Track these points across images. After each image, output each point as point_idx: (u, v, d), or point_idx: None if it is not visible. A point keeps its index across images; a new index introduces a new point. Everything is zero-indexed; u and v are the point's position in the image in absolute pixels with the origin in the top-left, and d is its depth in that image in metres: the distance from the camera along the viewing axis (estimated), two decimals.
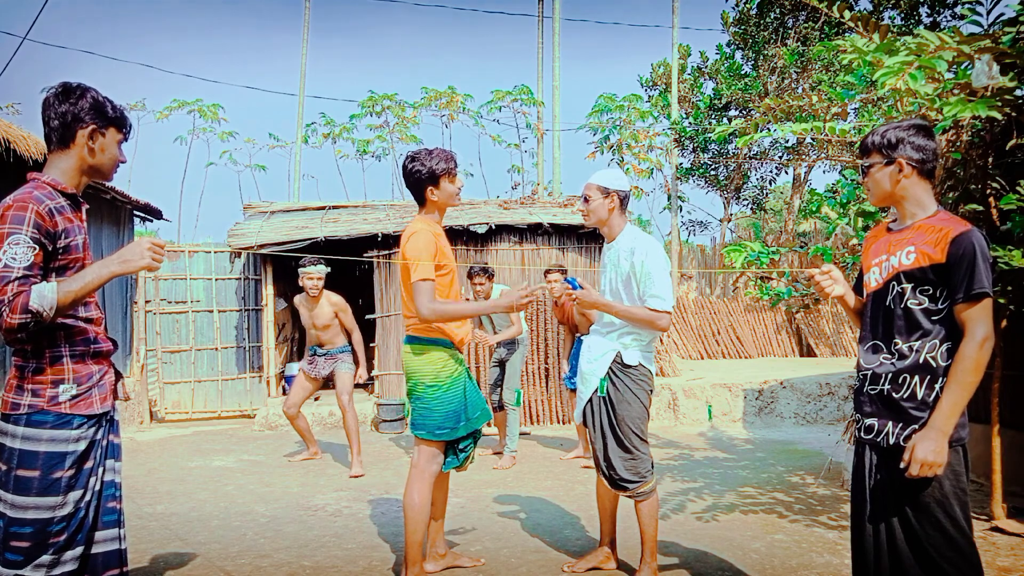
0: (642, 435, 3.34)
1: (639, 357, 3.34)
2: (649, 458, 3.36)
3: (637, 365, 3.34)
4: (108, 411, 2.46)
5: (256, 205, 10.46)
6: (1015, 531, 4.11)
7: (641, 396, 3.33)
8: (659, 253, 3.32)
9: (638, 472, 3.31)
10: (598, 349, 3.40)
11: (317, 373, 6.32)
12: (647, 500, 3.35)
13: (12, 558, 2.24)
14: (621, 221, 3.45)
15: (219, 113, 17.51)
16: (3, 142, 5.62)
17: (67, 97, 2.33)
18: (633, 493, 3.33)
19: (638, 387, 3.33)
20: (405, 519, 3.36)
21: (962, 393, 2.16)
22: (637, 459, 3.32)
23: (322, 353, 6.32)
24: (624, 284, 3.35)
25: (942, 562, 2.18)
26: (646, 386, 3.36)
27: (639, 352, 3.34)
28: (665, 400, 8.62)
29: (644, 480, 3.32)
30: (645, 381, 3.36)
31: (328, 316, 6.24)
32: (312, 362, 6.34)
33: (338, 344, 6.32)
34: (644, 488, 3.32)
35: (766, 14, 15.31)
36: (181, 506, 5.06)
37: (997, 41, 3.33)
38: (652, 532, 3.38)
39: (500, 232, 9.22)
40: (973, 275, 2.15)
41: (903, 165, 2.32)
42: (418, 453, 3.41)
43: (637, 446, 3.32)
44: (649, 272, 3.25)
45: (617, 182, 3.45)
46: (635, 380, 3.33)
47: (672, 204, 16.05)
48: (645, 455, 3.34)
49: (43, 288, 2.16)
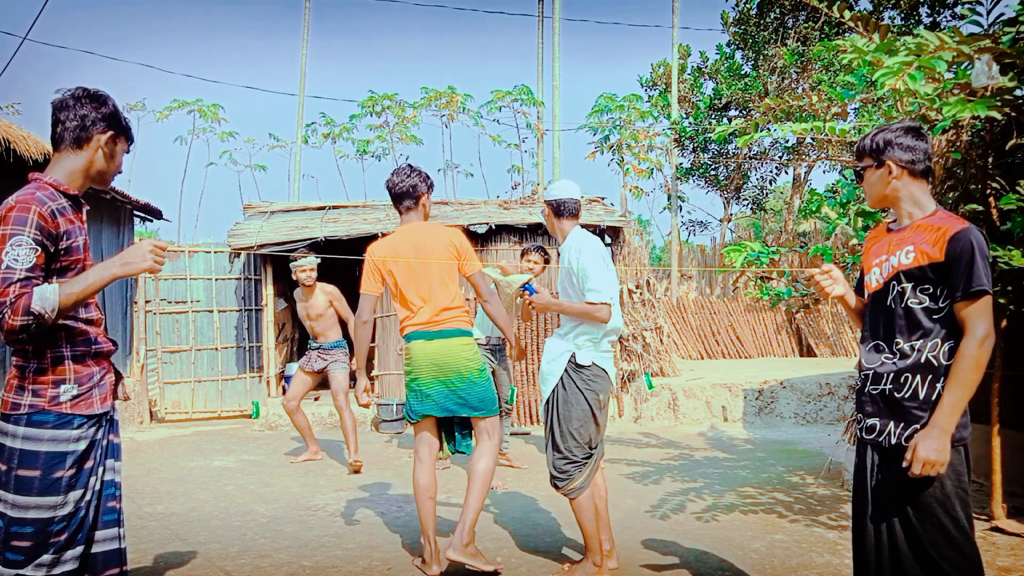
0: (576, 436, 3.43)
1: (592, 357, 3.46)
2: (579, 460, 3.44)
3: (590, 365, 3.46)
4: (108, 411, 2.46)
5: (256, 205, 10.45)
6: (1015, 531, 4.11)
7: (588, 396, 3.44)
8: (594, 250, 3.47)
9: (564, 471, 3.44)
10: (556, 350, 3.55)
11: (311, 367, 6.40)
12: (578, 497, 3.44)
13: (13, 558, 2.24)
14: (567, 225, 3.66)
15: (219, 113, 17.48)
16: (3, 142, 5.61)
17: (91, 101, 2.38)
18: (563, 491, 3.45)
19: (587, 387, 3.45)
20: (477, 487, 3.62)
21: (963, 392, 2.16)
22: (566, 458, 3.44)
23: (315, 347, 6.44)
24: (568, 282, 3.53)
25: (943, 562, 2.18)
26: (596, 386, 3.46)
27: (592, 352, 3.47)
28: (665, 400, 8.62)
29: (571, 478, 3.43)
30: (595, 381, 3.47)
31: (322, 306, 6.36)
32: (307, 355, 6.46)
33: (331, 338, 6.40)
34: (572, 486, 3.43)
35: (766, 14, 15.31)
36: (181, 506, 5.06)
37: (997, 41, 3.33)
38: (588, 529, 3.48)
39: (500, 232, 9.22)
40: (972, 273, 2.16)
41: (892, 167, 2.34)
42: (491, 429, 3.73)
43: (569, 446, 3.43)
44: (584, 268, 3.41)
45: (553, 193, 3.68)
46: (585, 380, 3.45)
47: (672, 204, 16.06)
48: (576, 456, 3.44)
49: (45, 290, 2.16)
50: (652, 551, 3.98)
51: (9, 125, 5.87)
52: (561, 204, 3.64)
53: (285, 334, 10.24)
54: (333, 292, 6.40)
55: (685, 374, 9.53)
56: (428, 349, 3.65)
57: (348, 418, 6.15)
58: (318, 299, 6.35)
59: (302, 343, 10.69)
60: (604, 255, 3.53)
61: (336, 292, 6.42)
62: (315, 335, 6.43)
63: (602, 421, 3.54)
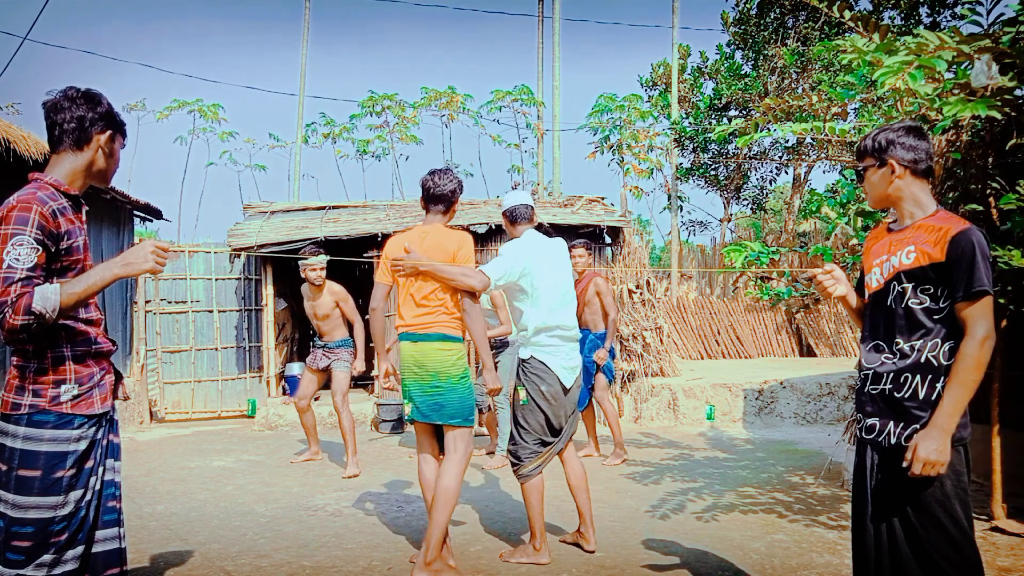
0: (525, 424, 3.78)
1: (529, 351, 3.81)
2: (529, 447, 3.78)
3: (528, 358, 3.80)
4: (108, 411, 2.46)
5: (256, 205, 10.45)
6: (1015, 531, 4.11)
7: (530, 389, 3.76)
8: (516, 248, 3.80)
9: (517, 456, 3.80)
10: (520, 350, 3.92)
11: (316, 365, 6.40)
12: (526, 483, 3.79)
13: (14, 558, 2.24)
14: (520, 230, 3.98)
15: (219, 113, 17.49)
16: (3, 142, 5.61)
17: (86, 101, 2.38)
18: (516, 474, 3.81)
19: (528, 380, 3.77)
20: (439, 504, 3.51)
21: (963, 392, 2.16)
22: (517, 444, 3.80)
23: (320, 344, 6.43)
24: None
25: (943, 562, 2.18)
26: (536, 379, 3.76)
27: (529, 347, 3.81)
28: (665, 400, 8.62)
29: (520, 463, 3.78)
30: (536, 375, 3.77)
31: (329, 306, 6.33)
32: (313, 353, 6.46)
33: (337, 337, 6.38)
34: (521, 471, 3.79)
35: (766, 14, 15.31)
36: (181, 506, 5.06)
37: (997, 41, 3.33)
38: (532, 512, 3.80)
39: (500, 232, 9.21)
40: (973, 273, 2.16)
41: (895, 166, 2.34)
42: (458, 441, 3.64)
43: (520, 435, 3.79)
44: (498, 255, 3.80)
45: (505, 204, 4.04)
46: (527, 373, 3.79)
47: (672, 204, 16.06)
48: (527, 443, 3.78)
49: (46, 289, 2.16)
50: (652, 551, 3.99)
51: (9, 125, 5.87)
52: (513, 212, 3.97)
53: (285, 334, 10.24)
54: (340, 293, 6.36)
55: (685, 374, 9.53)
56: (410, 350, 3.67)
57: (346, 419, 6.15)
58: (326, 299, 6.31)
59: (302, 343, 10.70)
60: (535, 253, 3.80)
61: (343, 293, 6.38)
62: (321, 334, 6.42)
63: (552, 413, 3.78)
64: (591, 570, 3.70)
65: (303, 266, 6.26)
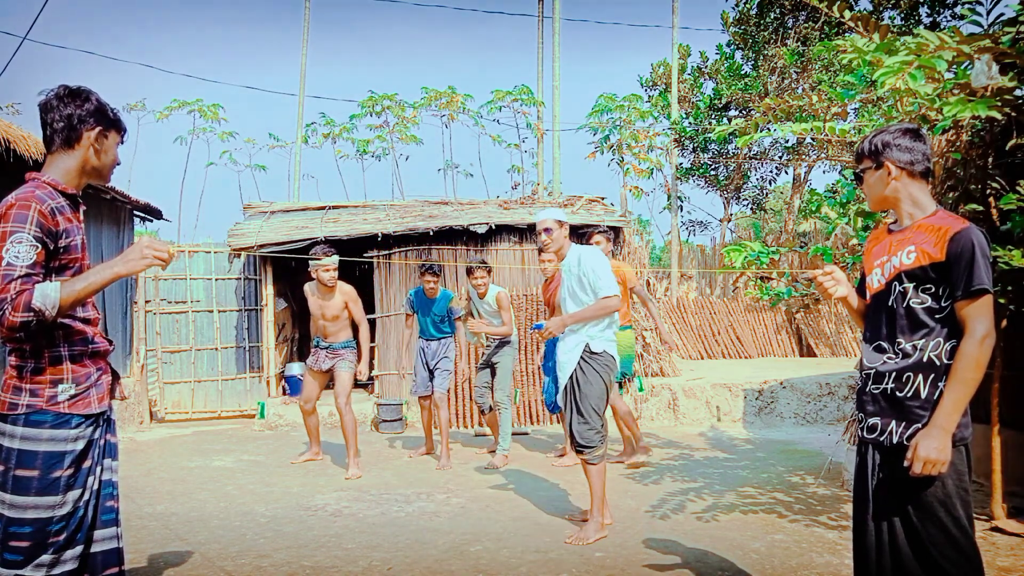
0: (598, 410, 4.16)
1: (603, 346, 4.21)
2: (601, 430, 4.16)
3: (601, 352, 4.20)
4: (106, 411, 2.46)
5: (256, 205, 10.45)
6: (1015, 531, 4.11)
7: (603, 376, 4.19)
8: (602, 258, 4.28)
9: (590, 439, 4.13)
10: (571, 343, 4.25)
11: (318, 366, 6.29)
12: (596, 465, 4.16)
13: (12, 558, 2.24)
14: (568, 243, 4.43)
15: (219, 113, 17.45)
16: (3, 142, 5.61)
17: (73, 99, 2.36)
18: (587, 457, 4.15)
19: (603, 369, 4.19)
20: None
21: (964, 390, 2.16)
22: (591, 427, 4.13)
23: (324, 346, 6.29)
24: (578, 285, 4.26)
25: (943, 562, 2.18)
26: (608, 369, 4.22)
27: (603, 342, 4.22)
28: (665, 400, 8.61)
29: (595, 445, 4.13)
30: (607, 366, 4.21)
31: (338, 307, 6.20)
32: (315, 354, 6.34)
33: (341, 339, 6.26)
34: (597, 452, 4.15)
35: (766, 14, 15.30)
36: (181, 506, 5.06)
37: (997, 41, 3.33)
38: (599, 492, 4.20)
39: (500, 232, 9.22)
40: (972, 272, 2.16)
41: (891, 168, 2.35)
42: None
43: (592, 417, 4.14)
44: (594, 269, 4.18)
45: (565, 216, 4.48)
46: (600, 364, 4.19)
47: (672, 204, 16.05)
48: (598, 426, 4.14)
49: (46, 287, 2.16)
50: (652, 551, 3.98)
51: (9, 125, 5.86)
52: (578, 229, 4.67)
53: (285, 334, 10.24)
54: (350, 294, 6.23)
55: (685, 374, 9.53)
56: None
57: (349, 420, 6.11)
58: (337, 300, 6.18)
59: (302, 343, 10.69)
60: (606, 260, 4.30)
61: (353, 294, 6.25)
62: (326, 335, 6.26)
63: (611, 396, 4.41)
64: (591, 570, 3.70)
65: (316, 267, 6.10)
